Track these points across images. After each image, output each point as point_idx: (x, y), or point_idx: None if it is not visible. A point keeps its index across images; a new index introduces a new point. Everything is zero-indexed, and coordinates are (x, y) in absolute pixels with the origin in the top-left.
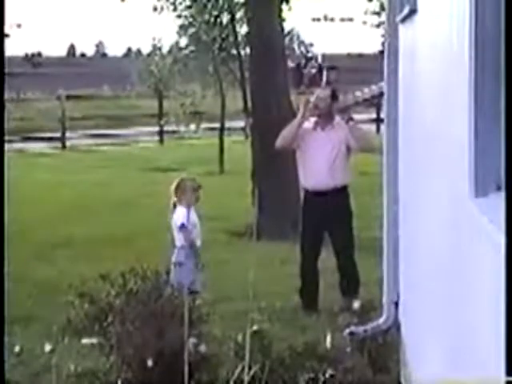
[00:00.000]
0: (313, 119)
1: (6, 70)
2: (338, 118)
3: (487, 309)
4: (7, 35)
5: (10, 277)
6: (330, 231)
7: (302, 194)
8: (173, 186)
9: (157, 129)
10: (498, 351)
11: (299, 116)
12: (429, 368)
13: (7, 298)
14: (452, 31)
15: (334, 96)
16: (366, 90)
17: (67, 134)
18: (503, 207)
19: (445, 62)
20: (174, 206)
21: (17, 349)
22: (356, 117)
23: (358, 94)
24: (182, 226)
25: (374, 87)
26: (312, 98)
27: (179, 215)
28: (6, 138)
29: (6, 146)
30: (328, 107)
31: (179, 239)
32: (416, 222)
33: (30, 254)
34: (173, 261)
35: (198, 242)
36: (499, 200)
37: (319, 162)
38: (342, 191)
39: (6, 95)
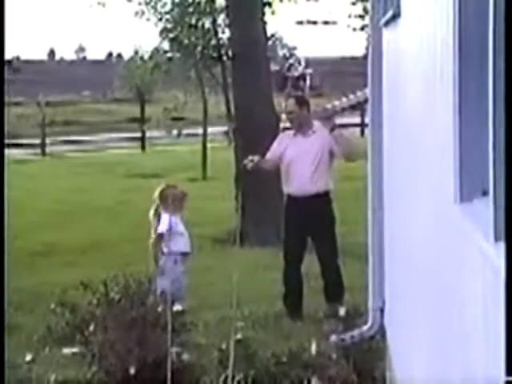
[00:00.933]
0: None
1: None
2: (317, 124)
3: (473, 314)
4: None
5: None
6: (313, 237)
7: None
8: (157, 192)
9: (138, 134)
10: (495, 352)
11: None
12: (415, 375)
13: None
14: (436, 35)
15: (302, 102)
16: (351, 96)
17: (47, 140)
18: (489, 212)
19: (429, 65)
20: (156, 211)
21: None
22: (340, 121)
23: (344, 100)
24: (160, 236)
25: (359, 93)
26: (283, 111)
27: (162, 223)
28: None
29: None
30: (299, 115)
31: (167, 247)
32: (401, 228)
33: (11, 262)
34: (161, 268)
35: (186, 249)
36: (484, 205)
37: (301, 168)
38: (324, 196)
39: None
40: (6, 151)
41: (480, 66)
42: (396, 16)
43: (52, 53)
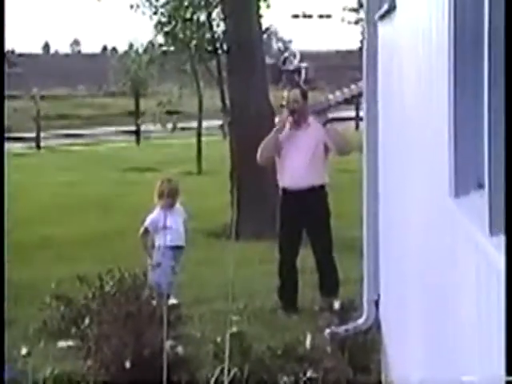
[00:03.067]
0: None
1: None
2: (311, 118)
3: (470, 307)
4: None
5: None
6: (308, 230)
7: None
8: (156, 188)
9: (133, 128)
10: (485, 350)
11: (276, 129)
12: (409, 368)
13: None
14: (431, 28)
15: (305, 95)
16: (345, 89)
17: (42, 134)
18: (484, 205)
19: (424, 58)
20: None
21: None
22: (335, 115)
23: (337, 93)
24: (145, 230)
25: (353, 87)
26: (283, 100)
27: (149, 217)
28: None
29: None
30: (301, 107)
31: (156, 240)
32: (396, 221)
33: (6, 256)
34: (152, 262)
35: (177, 243)
36: (480, 198)
37: (296, 161)
38: (319, 190)
39: None
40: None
41: (475, 59)
42: (391, 9)
43: (47, 46)
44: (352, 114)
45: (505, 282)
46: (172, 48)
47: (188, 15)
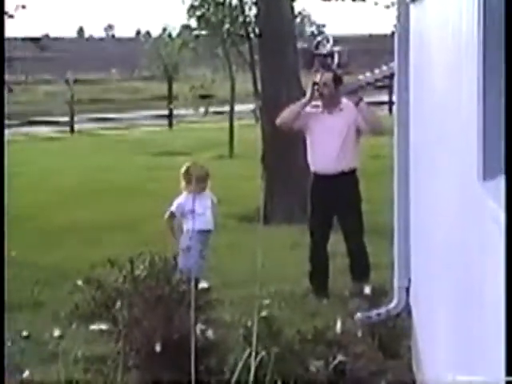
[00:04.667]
0: (319, 104)
1: (13, 54)
2: (345, 101)
3: (495, 292)
4: (12, 16)
5: (16, 262)
6: (339, 215)
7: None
8: (181, 172)
9: (166, 112)
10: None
11: (305, 98)
12: (439, 354)
13: (14, 284)
14: (462, 11)
15: (337, 79)
16: (376, 71)
17: (75, 118)
18: None
19: (454, 42)
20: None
21: (25, 334)
22: (368, 99)
23: (368, 74)
24: (171, 214)
25: (384, 68)
26: (316, 81)
27: (176, 201)
28: (14, 121)
29: (13, 130)
30: (332, 91)
31: (186, 225)
32: (427, 206)
33: (37, 239)
34: (181, 246)
35: (206, 227)
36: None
37: (327, 146)
38: (350, 175)
39: (14, 78)
40: (35, 129)
41: (506, 45)
42: None
43: (81, 30)
44: (385, 98)
45: (505, 282)
46: (204, 32)
47: None
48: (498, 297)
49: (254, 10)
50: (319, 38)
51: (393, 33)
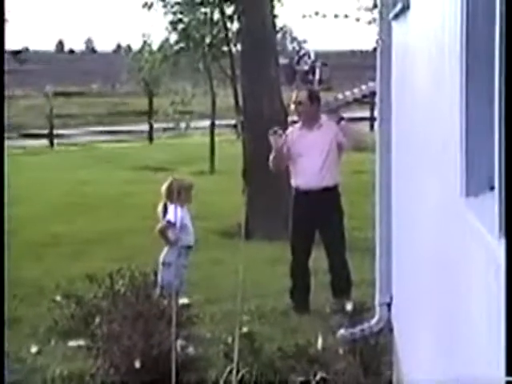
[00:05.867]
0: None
1: None
2: (325, 118)
3: (480, 310)
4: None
5: None
6: (321, 231)
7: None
8: (164, 186)
9: (146, 127)
10: (495, 351)
11: (275, 146)
12: (421, 371)
13: None
14: (444, 28)
15: (313, 97)
16: (356, 90)
17: (55, 132)
18: (495, 207)
19: (437, 59)
20: (165, 206)
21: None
22: (349, 115)
23: (348, 93)
24: (169, 223)
25: (363, 87)
26: (291, 102)
27: (169, 214)
28: None
29: None
30: (308, 109)
31: (171, 236)
32: (409, 222)
33: (15, 254)
34: (161, 260)
35: (191, 243)
36: (491, 200)
37: (309, 162)
38: (332, 190)
39: None
40: (14, 142)
41: (488, 61)
42: (405, 9)
43: (61, 44)
44: (366, 114)
45: (505, 282)
46: (185, 46)
47: (202, 14)
48: (482, 313)
49: (235, 25)
50: (301, 54)
51: (375, 49)
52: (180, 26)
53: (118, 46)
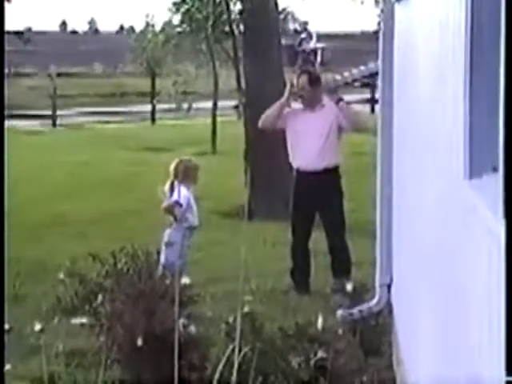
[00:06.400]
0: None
1: None
2: (326, 98)
3: (480, 292)
4: None
5: None
6: (321, 212)
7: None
8: (172, 166)
9: (149, 108)
10: (493, 343)
11: (283, 98)
12: (420, 351)
13: None
14: (448, 10)
15: (314, 80)
16: (355, 70)
17: (58, 112)
18: (498, 188)
19: (441, 41)
20: (172, 185)
21: (6, 327)
22: (350, 97)
23: (346, 74)
24: (177, 203)
25: (362, 68)
26: (293, 81)
27: (176, 193)
28: None
29: None
30: (308, 92)
31: (177, 215)
32: (410, 204)
33: (18, 233)
34: (165, 240)
35: (196, 223)
36: (494, 181)
37: (309, 143)
38: (333, 171)
39: None
40: (17, 122)
41: (492, 41)
42: None
43: (64, 24)
44: (368, 96)
45: (505, 282)
46: (188, 28)
47: None
48: (482, 296)
49: (238, 6)
50: (303, 35)
51: (377, 31)
52: (183, 8)
53: (121, 27)
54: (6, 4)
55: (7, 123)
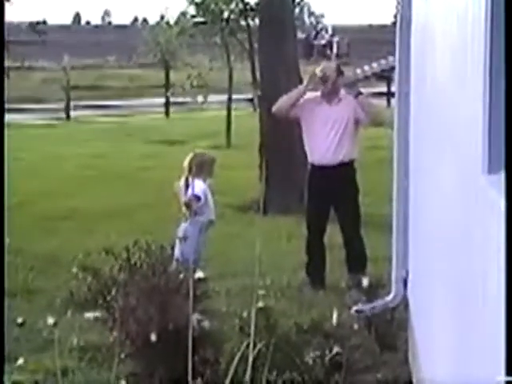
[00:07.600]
0: (318, 93)
1: (11, 38)
2: (344, 92)
3: (497, 290)
4: (9, 0)
5: (11, 249)
6: (336, 206)
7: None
8: (186, 161)
9: (163, 100)
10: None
11: (302, 86)
12: (437, 348)
13: (8, 271)
14: (467, 2)
15: (339, 71)
16: (375, 64)
17: (72, 104)
18: None
19: (459, 33)
20: (187, 180)
21: (19, 321)
22: (366, 90)
23: (367, 68)
24: (196, 197)
25: (383, 61)
26: (317, 71)
27: (194, 187)
28: (9, 107)
29: (8, 116)
30: (333, 81)
31: (196, 209)
32: (426, 198)
33: (33, 226)
34: (180, 235)
35: (212, 217)
36: None
37: (325, 137)
38: (348, 166)
39: (10, 63)
40: (31, 115)
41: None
42: None
43: (77, 17)
44: (383, 89)
45: (505, 283)
46: (203, 19)
47: None
48: (500, 292)
49: None
50: (318, 28)
51: (394, 23)
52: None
53: (135, 20)
54: (15, 0)
55: (21, 116)
